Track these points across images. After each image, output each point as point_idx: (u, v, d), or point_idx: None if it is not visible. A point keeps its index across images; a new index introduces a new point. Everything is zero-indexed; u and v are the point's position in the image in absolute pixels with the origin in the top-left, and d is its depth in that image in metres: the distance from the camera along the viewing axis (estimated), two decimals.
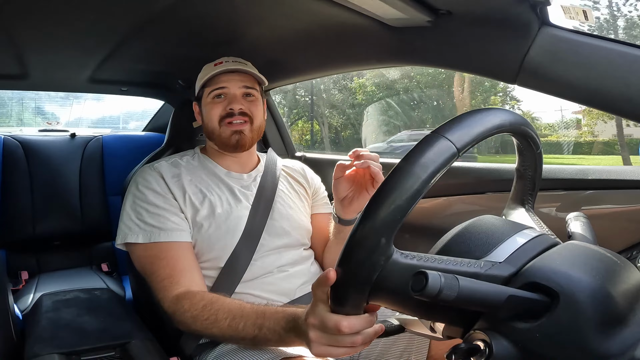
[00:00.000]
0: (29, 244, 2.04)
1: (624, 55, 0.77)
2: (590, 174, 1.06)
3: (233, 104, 1.16)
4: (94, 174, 2.19)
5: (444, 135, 0.52)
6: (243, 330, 0.85)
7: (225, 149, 1.20)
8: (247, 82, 1.20)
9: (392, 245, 0.52)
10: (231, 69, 1.18)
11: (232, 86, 1.18)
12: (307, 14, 1.10)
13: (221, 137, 1.18)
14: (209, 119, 1.19)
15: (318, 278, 0.62)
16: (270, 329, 0.80)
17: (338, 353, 0.67)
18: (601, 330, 0.47)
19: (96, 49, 1.41)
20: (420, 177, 0.50)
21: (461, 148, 0.52)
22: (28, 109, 3.13)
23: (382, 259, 0.51)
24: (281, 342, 0.80)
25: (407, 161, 0.51)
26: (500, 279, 0.53)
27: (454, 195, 1.36)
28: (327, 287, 0.59)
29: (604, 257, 0.54)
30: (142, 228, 1.05)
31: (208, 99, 1.19)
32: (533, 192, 0.71)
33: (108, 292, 1.45)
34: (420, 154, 0.51)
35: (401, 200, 0.49)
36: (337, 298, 0.60)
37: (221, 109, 1.17)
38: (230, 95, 1.18)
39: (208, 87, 1.19)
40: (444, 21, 0.95)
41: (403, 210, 0.50)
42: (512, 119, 0.59)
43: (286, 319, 0.78)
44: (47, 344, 1.03)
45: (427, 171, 0.50)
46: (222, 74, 1.17)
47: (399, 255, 0.52)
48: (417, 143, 0.53)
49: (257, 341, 0.84)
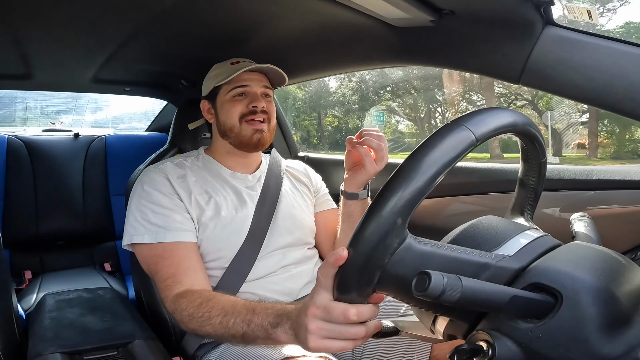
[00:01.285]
0: (33, 244, 2.05)
1: (628, 54, 0.77)
2: (594, 174, 1.06)
3: (256, 101, 1.17)
4: (97, 174, 2.20)
5: (464, 125, 0.53)
6: (233, 327, 0.82)
7: (244, 147, 1.20)
8: (265, 82, 1.22)
9: (406, 229, 0.51)
10: (256, 67, 1.18)
11: (253, 85, 1.19)
12: (311, 14, 1.10)
13: (240, 135, 1.18)
14: (228, 116, 1.18)
15: (327, 257, 0.58)
16: (258, 325, 0.77)
17: (337, 346, 0.63)
18: (605, 331, 0.47)
19: (99, 49, 1.41)
20: (440, 162, 0.50)
21: (479, 138, 0.53)
22: (32, 109, 3.15)
23: (396, 241, 0.51)
24: (268, 338, 0.76)
25: (428, 145, 0.52)
26: (511, 271, 0.53)
27: (458, 195, 1.36)
28: (336, 268, 0.57)
29: (608, 257, 0.54)
30: (148, 228, 1.05)
31: (227, 97, 1.19)
32: (533, 203, 0.70)
33: (111, 292, 1.45)
34: (441, 139, 0.52)
35: (420, 182, 0.50)
36: (343, 283, 0.57)
37: (243, 107, 1.17)
38: (252, 94, 1.18)
39: (227, 85, 1.19)
40: (447, 21, 0.95)
41: (421, 192, 0.50)
42: (524, 120, 0.60)
43: (275, 314, 0.75)
44: (50, 344, 1.04)
45: (447, 157, 0.51)
46: (243, 73, 1.18)
47: (412, 240, 0.52)
48: (438, 129, 0.54)
49: (246, 338, 0.80)
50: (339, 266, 0.56)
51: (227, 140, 1.20)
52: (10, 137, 2.10)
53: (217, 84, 1.20)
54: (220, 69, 1.23)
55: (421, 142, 0.53)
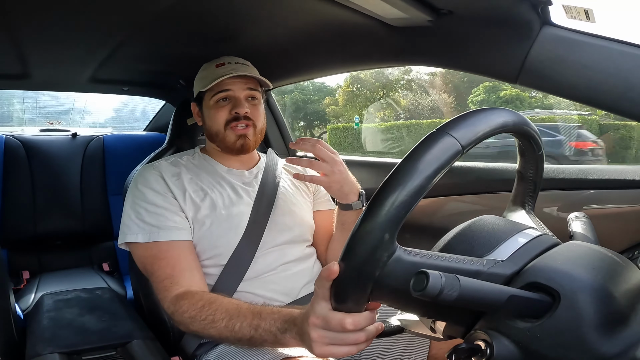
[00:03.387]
0: (31, 244, 2.05)
1: (625, 54, 0.77)
2: (591, 174, 1.06)
3: (238, 107, 1.16)
4: (95, 174, 2.19)
5: (448, 133, 0.52)
6: (239, 331, 0.84)
7: (229, 152, 1.21)
8: (250, 84, 1.20)
9: (395, 242, 0.51)
10: (236, 75, 1.17)
11: (236, 89, 1.18)
12: (308, 13, 1.10)
13: (225, 141, 1.18)
14: (213, 122, 1.18)
15: (320, 272, 0.61)
16: (266, 330, 0.80)
17: (341, 352, 0.66)
18: (602, 330, 0.47)
19: (97, 49, 1.41)
20: (425, 174, 0.50)
21: (466, 145, 0.52)
22: (29, 109, 3.14)
23: (385, 255, 0.51)
24: (277, 343, 0.79)
25: (412, 157, 0.51)
26: (503, 277, 0.53)
27: (456, 195, 1.36)
28: (329, 281, 0.59)
29: (606, 257, 0.54)
30: (142, 227, 1.05)
31: (211, 102, 1.18)
32: (534, 194, 0.71)
33: (109, 292, 1.45)
34: (425, 151, 0.51)
35: (405, 196, 0.49)
36: (339, 294, 0.59)
37: (226, 113, 1.17)
38: (234, 99, 1.18)
39: (211, 91, 1.18)
40: (445, 21, 0.95)
41: (407, 206, 0.50)
42: (515, 118, 0.60)
43: (282, 320, 0.78)
44: (48, 344, 1.04)
45: (431, 168, 0.50)
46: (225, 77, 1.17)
47: (402, 252, 0.52)
48: (422, 139, 0.53)
49: (253, 342, 0.83)
50: (332, 280, 0.58)
51: (215, 144, 1.22)
52: (7, 137, 2.09)
53: (201, 89, 1.20)
54: (204, 72, 1.23)
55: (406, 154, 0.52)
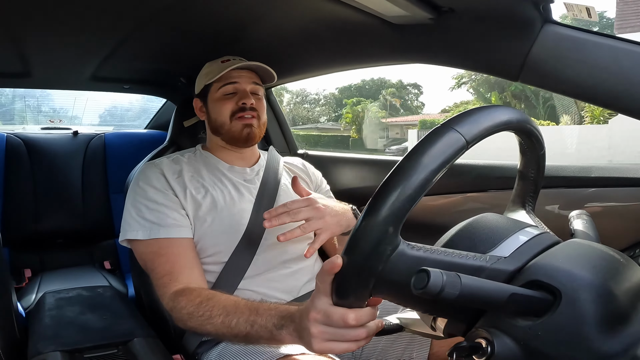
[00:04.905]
0: (32, 242, 2.05)
1: (627, 52, 0.77)
2: (593, 172, 1.06)
3: (245, 98, 1.18)
4: (97, 172, 2.19)
5: (453, 128, 0.52)
6: (236, 327, 0.83)
7: (235, 143, 1.21)
8: (255, 79, 1.22)
9: (399, 236, 0.52)
10: (244, 65, 1.19)
11: (242, 81, 1.19)
12: (309, 11, 1.10)
13: (231, 131, 1.19)
14: (218, 113, 1.19)
15: (323, 265, 0.60)
16: (262, 326, 0.78)
17: (340, 348, 0.65)
18: (603, 329, 0.47)
19: (98, 47, 1.41)
20: (430, 168, 0.50)
21: (470, 141, 0.52)
22: (30, 107, 3.14)
23: (388, 249, 0.51)
24: (273, 339, 0.78)
25: (417, 151, 0.51)
26: (505, 274, 0.53)
27: (457, 192, 1.36)
28: (332, 275, 0.58)
29: (607, 255, 0.54)
30: (142, 224, 1.05)
31: (217, 95, 1.20)
32: (534, 195, 0.71)
33: (111, 290, 1.46)
34: (430, 145, 0.51)
35: (410, 189, 0.50)
36: (340, 289, 0.59)
37: (233, 104, 1.18)
38: (241, 91, 1.19)
39: (217, 83, 1.19)
40: (446, 18, 0.95)
41: (411, 199, 0.50)
42: (519, 116, 0.60)
43: (279, 316, 0.76)
44: (50, 342, 1.04)
45: (436, 162, 0.50)
46: (232, 70, 1.18)
47: (405, 246, 0.52)
48: (427, 134, 0.53)
49: (249, 338, 0.82)
50: (334, 273, 0.57)
51: (219, 136, 1.22)
52: (9, 136, 2.09)
53: (207, 82, 1.21)
54: (210, 67, 1.24)
55: (411, 148, 0.52)
